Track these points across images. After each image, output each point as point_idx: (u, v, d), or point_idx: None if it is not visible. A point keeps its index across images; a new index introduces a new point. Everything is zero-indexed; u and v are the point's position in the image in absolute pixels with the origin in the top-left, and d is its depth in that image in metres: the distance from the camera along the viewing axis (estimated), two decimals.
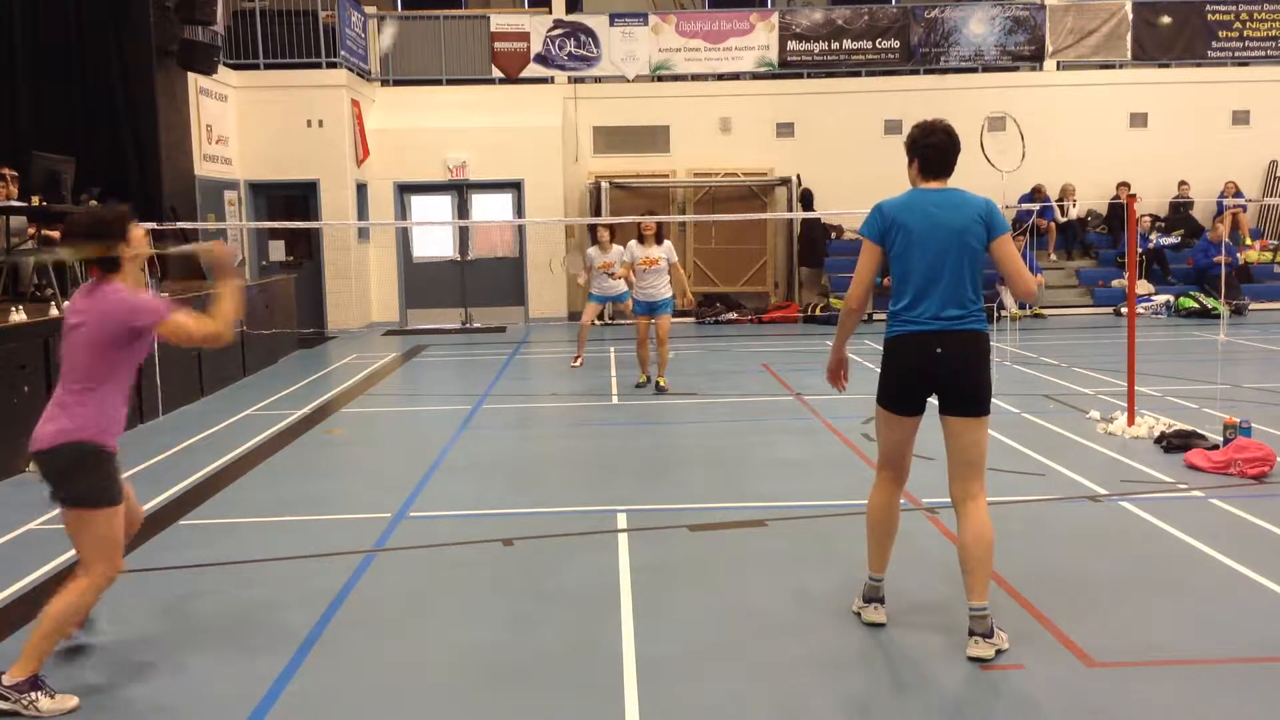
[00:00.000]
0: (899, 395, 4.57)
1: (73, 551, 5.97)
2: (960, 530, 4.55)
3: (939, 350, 4.44)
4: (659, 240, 11.03)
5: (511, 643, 4.69)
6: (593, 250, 12.25)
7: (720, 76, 20.23)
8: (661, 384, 11.12)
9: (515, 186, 19.37)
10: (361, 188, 18.63)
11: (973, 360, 4.48)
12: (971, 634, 4.42)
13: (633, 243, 11.15)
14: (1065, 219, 19.67)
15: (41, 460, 4.22)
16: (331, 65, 17.64)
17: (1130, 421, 8.45)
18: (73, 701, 4.11)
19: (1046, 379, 11.31)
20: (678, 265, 11.12)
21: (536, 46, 19.76)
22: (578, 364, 12.97)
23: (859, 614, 4.86)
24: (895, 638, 4.66)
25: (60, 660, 4.50)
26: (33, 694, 4.05)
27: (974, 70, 20.16)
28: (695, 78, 20.08)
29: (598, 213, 18.64)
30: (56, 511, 7.01)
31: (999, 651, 4.40)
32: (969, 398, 4.49)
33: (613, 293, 12.27)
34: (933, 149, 4.54)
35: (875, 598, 4.81)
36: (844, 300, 4.69)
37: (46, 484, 4.24)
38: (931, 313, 4.45)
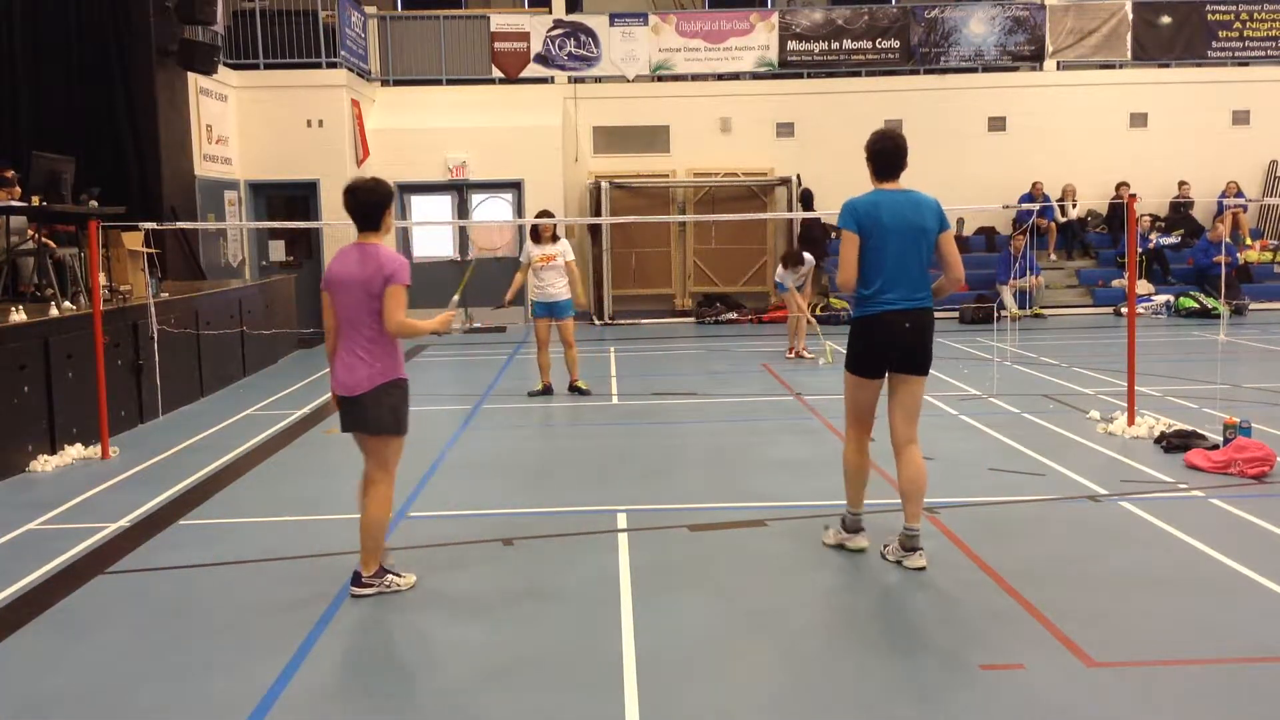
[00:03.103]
0: (874, 363, 5.43)
1: (68, 554, 5.98)
2: (901, 469, 5.47)
3: (908, 325, 5.34)
4: (555, 239, 10.78)
5: (511, 642, 4.69)
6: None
7: (720, 76, 20.23)
8: (581, 386, 10.95)
9: (515, 186, 19.37)
10: None
11: (928, 332, 5.42)
12: (912, 550, 5.38)
13: (528, 243, 10.83)
14: (1065, 219, 19.67)
15: (357, 400, 5.19)
16: (331, 65, 17.63)
17: (1130, 421, 8.44)
18: (413, 578, 5.39)
19: (1046, 379, 11.30)
20: (573, 264, 10.73)
21: (536, 46, 19.76)
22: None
23: (843, 545, 5.65)
24: (894, 642, 4.66)
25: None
26: (388, 577, 5.31)
27: (974, 70, 20.16)
28: (695, 78, 20.08)
29: (598, 212, 18.66)
30: (57, 511, 7.03)
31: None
32: (921, 361, 5.43)
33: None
34: (887, 155, 5.44)
35: (858, 528, 5.68)
36: (840, 285, 5.48)
37: (361, 418, 5.22)
38: (903, 295, 5.32)
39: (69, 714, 4.11)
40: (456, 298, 6.06)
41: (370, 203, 5.28)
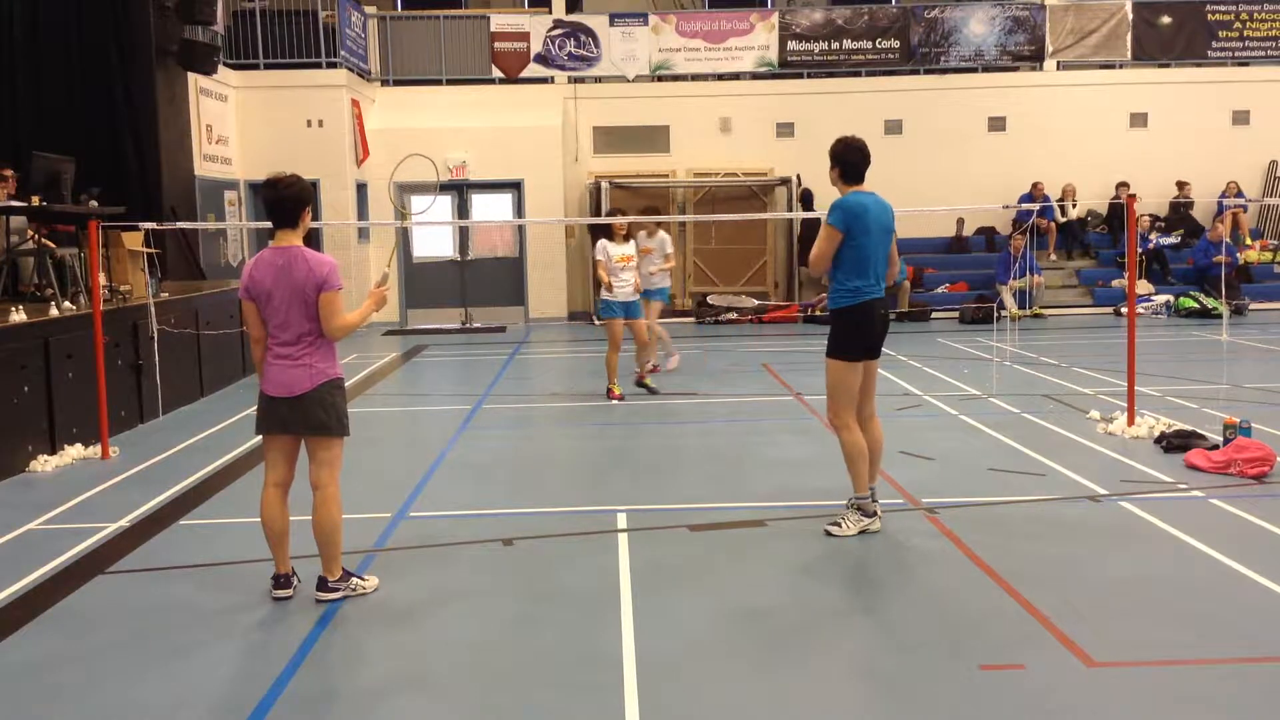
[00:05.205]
0: (865, 346, 5.99)
1: (68, 554, 5.97)
2: (867, 434, 6.06)
3: (883, 311, 6.04)
4: (627, 239, 10.71)
5: (511, 643, 4.69)
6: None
7: (720, 76, 20.23)
8: (615, 388, 10.82)
9: (515, 186, 19.37)
10: (361, 188, 18.63)
11: (889, 318, 6.17)
12: (872, 513, 6.05)
13: (605, 242, 10.61)
14: (1065, 219, 19.66)
15: (299, 400, 5.11)
16: (331, 65, 17.63)
17: (1130, 421, 8.44)
18: (376, 580, 5.36)
19: (1046, 379, 11.30)
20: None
21: (536, 46, 19.76)
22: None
23: (865, 530, 5.92)
24: (894, 641, 4.66)
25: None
26: (352, 580, 5.26)
27: (974, 70, 20.16)
28: (695, 78, 20.08)
29: (598, 212, 18.64)
30: (57, 511, 7.02)
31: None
32: (881, 345, 6.11)
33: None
34: (857, 162, 5.97)
35: (871, 513, 6.01)
36: (812, 269, 6.31)
37: (305, 419, 5.14)
38: (880, 285, 6.00)
39: (69, 713, 4.10)
40: (387, 270, 5.84)
41: (290, 197, 5.05)
